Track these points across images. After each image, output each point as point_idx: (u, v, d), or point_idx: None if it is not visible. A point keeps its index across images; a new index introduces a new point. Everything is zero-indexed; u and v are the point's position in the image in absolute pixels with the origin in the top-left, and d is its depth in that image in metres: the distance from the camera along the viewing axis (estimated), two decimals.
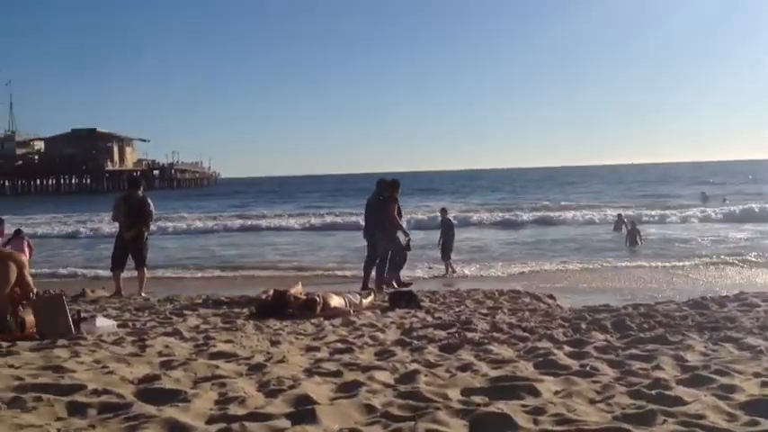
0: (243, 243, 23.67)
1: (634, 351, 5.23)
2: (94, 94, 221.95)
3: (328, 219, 31.48)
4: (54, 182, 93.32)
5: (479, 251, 19.06)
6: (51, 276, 15.08)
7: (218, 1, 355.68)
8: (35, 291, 6.64)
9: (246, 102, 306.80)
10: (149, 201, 10.80)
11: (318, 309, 7.91)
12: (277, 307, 7.97)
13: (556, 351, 5.24)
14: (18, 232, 13.08)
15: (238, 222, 31.52)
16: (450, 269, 14.81)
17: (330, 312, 7.87)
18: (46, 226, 31.49)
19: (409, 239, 12.05)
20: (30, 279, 6.57)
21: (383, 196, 11.78)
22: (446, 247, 14.95)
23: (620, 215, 23.78)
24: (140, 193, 10.86)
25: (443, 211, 16.52)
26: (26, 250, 12.54)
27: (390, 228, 11.62)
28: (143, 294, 10.39)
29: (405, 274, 12.45)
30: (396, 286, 11.44)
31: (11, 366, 4.71)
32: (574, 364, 4.78)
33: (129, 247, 10.75)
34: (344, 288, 10.26)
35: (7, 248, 6.68)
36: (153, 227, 10.90)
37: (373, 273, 11.64)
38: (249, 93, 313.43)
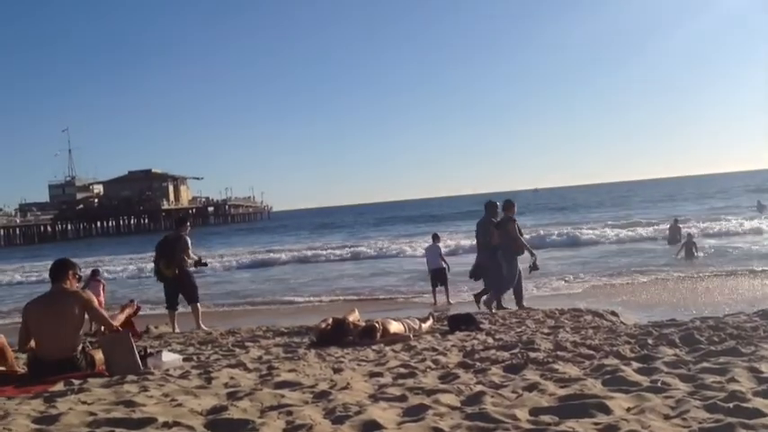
0: (295, 274, 23.94)
1: (706, 364, 5.07)
2: (149, 136, 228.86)
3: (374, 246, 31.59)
4: (114, 223, 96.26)
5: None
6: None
7: (265, 37, 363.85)
8: (113, 325, 6.82)
9: (296, 135, 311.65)
10: (186, 239, 11.03)
11: (378, 335, 7.90)
12: (337, 335, 8.00)
13: (624, 367, 5.11)
14: (94, 273, 13.63)
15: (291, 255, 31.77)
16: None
17: (390, 338, 7.85)
18: (109, 265, 32.32)
19: (535, 258, 11.86)
20: (103, 313, 6.78)
21: (494, 218, 11.71)
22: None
23: (675, 220, 22.94)
24: (184, 232, 11.14)
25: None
26: (101, 290, 13.06)
27: (516, 249, 11.49)
28: (203, 328, 10.58)
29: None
30: (493, 308, 11.26)
31: (83, 402, 4.82)
32: (644, 380, 4.65)
33: (173, 285, 11.06)
34: (405, 313, 10.25)
35: (84, 290, 6.90)
36: (192, 263, 11.08)
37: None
38: (299, 126, 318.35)
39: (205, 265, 11.52)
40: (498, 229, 11.55)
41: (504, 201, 11.97)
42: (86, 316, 6.50)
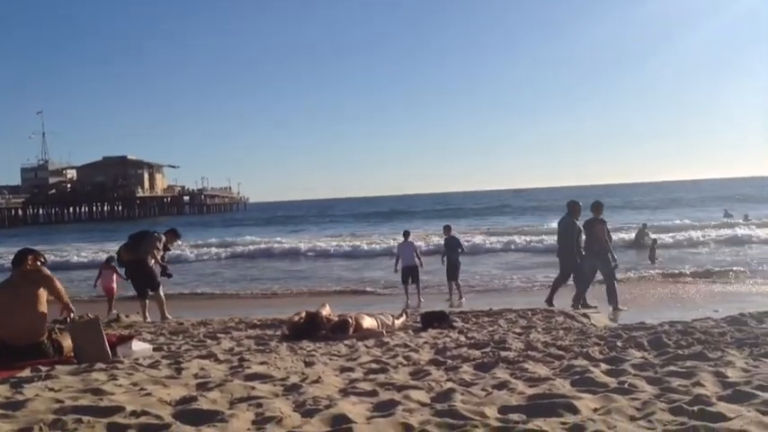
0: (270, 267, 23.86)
1: (672, 368, 5.14)
2: (125, 122, 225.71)
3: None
4: (87, 209, 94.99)
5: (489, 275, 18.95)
6: (88, 301, 15.27)
7: (247, 27, 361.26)
8: (70, 308, 6.77)
9: (274, 126, 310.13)
10: (159, 237, 11.17)
11: (351, 330, 7.92)
12: (310, 328, 8.01)
13: (592, 369, 5.18)
14: (108, 261, 13.69)
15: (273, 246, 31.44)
16: (455, 292, 14.20)
17: (363, 333, 7.88)
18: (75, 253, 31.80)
19: (616, 264, 11.83)
20: (61, 288, 6.68)
21: (576, 219, 11.68)
22: (451, 267, 14.29)
23: (644, 225, 23.02)
24: (166, 237, 11.32)
25: (447, 228, 15.17)
26: (113, 277, 13.05)
27: (602, 249, 11.40)
28: (168, 318, 10.59)
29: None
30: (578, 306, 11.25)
31: (51, 390, 4.77)
32: (612, 382, 4.71)
33: (132, 272, 11.18)
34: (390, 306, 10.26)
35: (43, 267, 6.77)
36: (153, 262, 11.10)
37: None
38: (277, 117, 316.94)
39: (169, 276, 11.49)
40: (585, 229, 11.53)
41: (593, 202, 11.89)
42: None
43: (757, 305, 10.18)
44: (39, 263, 6.74)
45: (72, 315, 6.80)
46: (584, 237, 11.56)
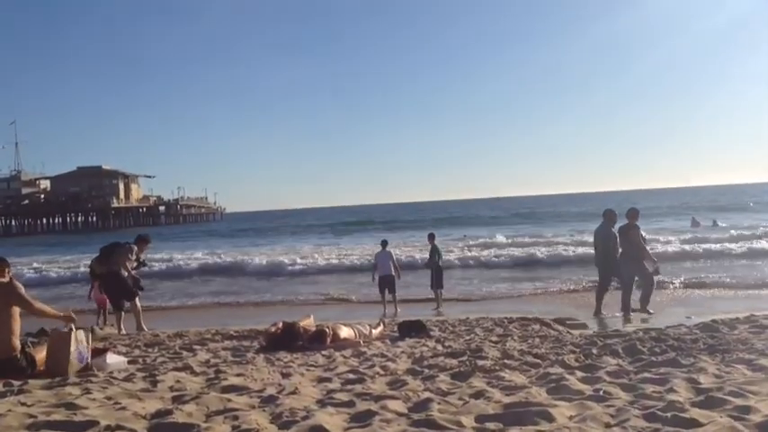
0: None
1: (647, 375, 5.21)
2: (100, 132, 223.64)
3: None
4: (60, 220, 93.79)
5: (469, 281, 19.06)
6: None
7: (224, 34, 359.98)
8: (72, 317, 6.65)
9: (251, 136, 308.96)
10: (130, 248, 11.12)
11: (328, 340, 7.91)
12: (287, 339, 7.97)
13: (568, 376, 5.22)
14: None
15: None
16: (438, 300, 14.12)
17: (340, 343, 7.87)
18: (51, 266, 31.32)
19: (658, 266, 11.91)
20: (28, 299, 6.54)
21: (612, 227, 11.72)
22: (435, 275, 14.21)
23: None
24: (138, 247, 11.29)
25: (431, 237, 14.99)
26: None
27: (642, 256, 11.51)
28: (144, 329, 10.53)
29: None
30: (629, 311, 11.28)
31: (23, 404, 4.71)
32: (587, 389, 4.76)
33: (105, 284, 11.18)
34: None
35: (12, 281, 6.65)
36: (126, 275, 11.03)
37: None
38: (254, 127, 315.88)
39: (141, 288, 11.38)
40: (620, 235, 11.61)
41: (629, 209, 12.05)
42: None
43: (727, 312, 10.31)
44: (8, 274, 6.64)
45: (72, 325, 6.61)
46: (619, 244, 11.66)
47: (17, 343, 6.31)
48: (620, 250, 11.60)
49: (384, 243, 14.82)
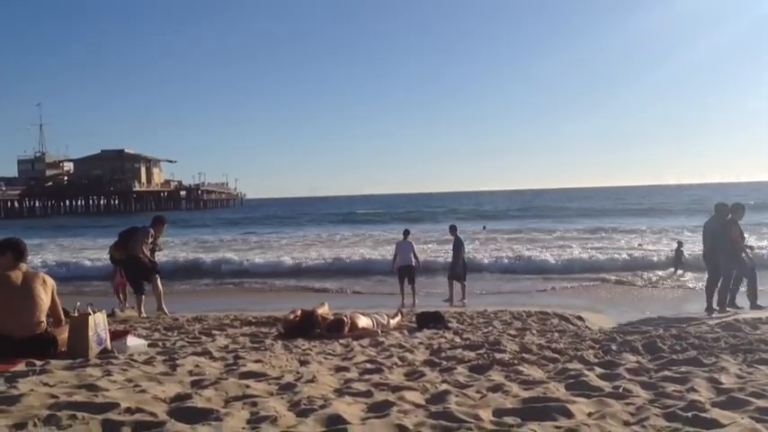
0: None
1: (667, 373, 5.16)
2: (123, 116, 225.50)
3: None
4: (83, 202, 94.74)
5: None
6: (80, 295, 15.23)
7: (247, 21, 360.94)
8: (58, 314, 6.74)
9: (272, 123, 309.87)
10: (147, 231, 11.12)
11: (346, 329, 7.92)
12: (305, 327, 7.99)
13: (587, 372, 5.19)
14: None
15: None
16: (460, 292, 14.02)
17: (358, 332, 7.87)
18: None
19: (752, 261, 11.71)
20: (58, 301, 6.66)
21: (722, 221, 11.50)
22: (456, 267, 14.16)
23: (680, 242, 21.17)
24: (154, 229, 11.28)
25: (453, 228, 14.88)
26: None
27: (736, 250, 11.27)
28: (165, 310, 10.68)
29: None
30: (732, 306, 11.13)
31: (45, 384, 4.76)
32: (606, 386, 4.72)
33: (127, 268, 11.32)
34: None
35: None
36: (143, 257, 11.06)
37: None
38: (275, 114, 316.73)
39: (158, 272, 11.43)
40: (722, 230, 11.34)
41: (733, 204, 11.78)
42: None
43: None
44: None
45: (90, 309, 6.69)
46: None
47: (45, 322, 6.39)
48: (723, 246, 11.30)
49: (406, 233, 14.80)
